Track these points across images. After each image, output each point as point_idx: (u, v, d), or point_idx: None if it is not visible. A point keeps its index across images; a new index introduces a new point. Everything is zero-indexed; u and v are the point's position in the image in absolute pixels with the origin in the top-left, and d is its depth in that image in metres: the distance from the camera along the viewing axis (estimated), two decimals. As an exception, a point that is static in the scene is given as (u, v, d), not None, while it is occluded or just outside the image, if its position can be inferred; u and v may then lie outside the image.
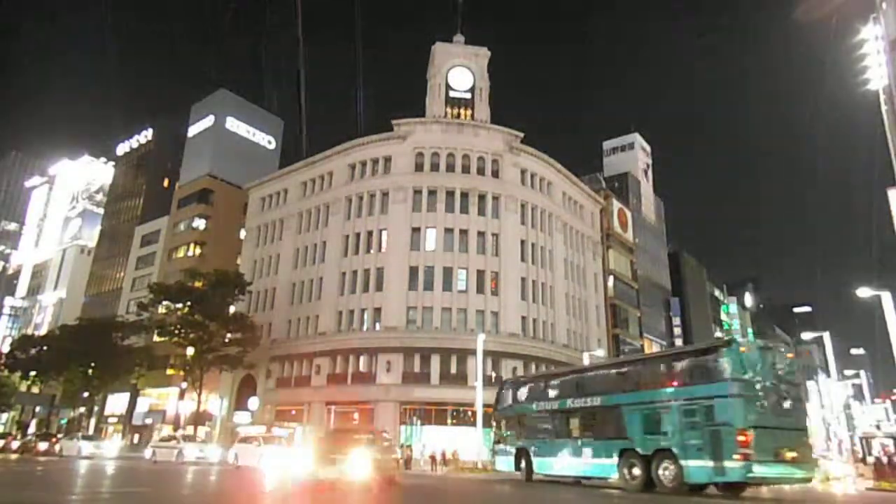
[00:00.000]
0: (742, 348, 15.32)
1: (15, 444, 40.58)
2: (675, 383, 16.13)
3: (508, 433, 22.47)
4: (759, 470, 13.97)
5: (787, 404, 14.94)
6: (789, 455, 14.29)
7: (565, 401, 20.01)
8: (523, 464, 21.07)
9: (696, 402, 15.15)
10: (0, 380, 59.19)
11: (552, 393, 21.11)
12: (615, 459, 16.92)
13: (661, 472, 15.55)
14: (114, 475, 19.84)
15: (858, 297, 27.77)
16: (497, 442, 23.39)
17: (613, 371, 19.95)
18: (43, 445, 37.95)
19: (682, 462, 14.97)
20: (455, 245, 46.56)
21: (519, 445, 21.50)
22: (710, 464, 14.32)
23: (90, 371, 51.44)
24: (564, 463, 19.34)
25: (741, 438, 13.90)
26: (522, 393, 22.70)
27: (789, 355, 16.25)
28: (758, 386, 14.71)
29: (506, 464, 22.36)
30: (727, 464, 14.01)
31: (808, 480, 15.59)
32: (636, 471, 16.28)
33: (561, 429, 19.83)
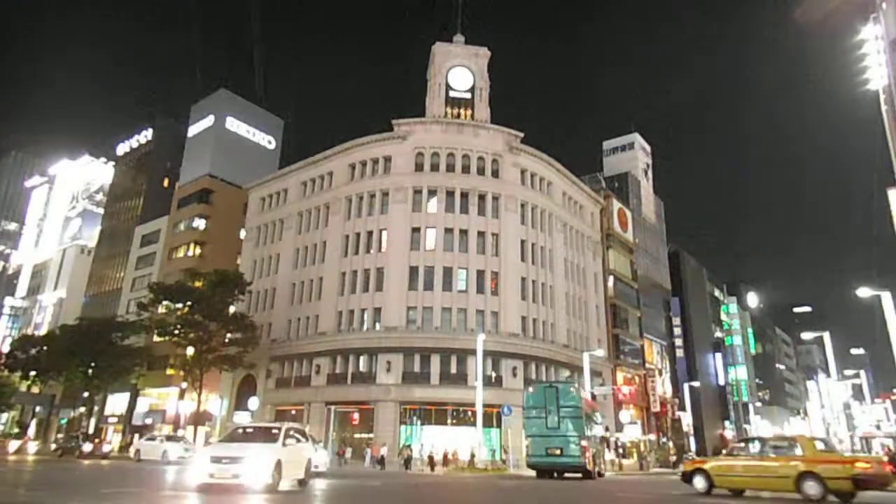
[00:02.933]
0: (530, 388, 26.47)
1: (50, 446, 38.48)
2: (525, 409, 25.88)
3: None
4: (534, 460, 24.30)
5: (560, 421, 23.91)
6: (556, 451, 23.70)
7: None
8: None
9: (527, 422, 25.29)
10: (0, 380, 59.06)
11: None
12: None
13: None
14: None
15: (858, 297, 27.80)
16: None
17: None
18: (88, 447, 36.95)
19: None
20: (455, 245, 46.54)
21: None
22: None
23: (90, 371, 51.30)
24: None
25: (527, 443, 24.44)
26: None
27: (572, 389, 25.68)
28: (537, 411, 24.58)
29: None
30: (526, 457, 24.98)
31: (577, 467, 23.82)
32: None
33: None
